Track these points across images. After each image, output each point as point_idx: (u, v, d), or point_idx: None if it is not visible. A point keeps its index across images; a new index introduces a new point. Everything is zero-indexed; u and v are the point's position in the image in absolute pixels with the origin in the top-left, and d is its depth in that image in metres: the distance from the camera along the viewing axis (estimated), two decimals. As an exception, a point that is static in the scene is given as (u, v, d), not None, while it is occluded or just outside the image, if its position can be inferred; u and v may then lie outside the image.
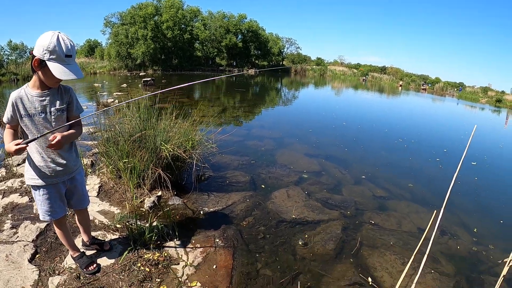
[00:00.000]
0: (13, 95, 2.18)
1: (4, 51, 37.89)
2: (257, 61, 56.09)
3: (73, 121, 2.34)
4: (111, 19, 45.49)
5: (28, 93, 2.19)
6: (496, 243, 4.24)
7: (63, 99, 2.33)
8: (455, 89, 49.13)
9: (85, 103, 12.67)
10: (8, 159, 5.65)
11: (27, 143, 2.10)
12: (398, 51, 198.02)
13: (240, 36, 52.15)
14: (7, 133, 2.25)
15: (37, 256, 2.99)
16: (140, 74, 35.58)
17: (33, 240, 3.22)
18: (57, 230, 2.69)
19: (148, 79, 21.26)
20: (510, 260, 1.90)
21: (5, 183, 4.70)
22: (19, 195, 4.25)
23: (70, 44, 2.08)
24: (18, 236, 3.30)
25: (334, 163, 6.60)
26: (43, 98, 2.22)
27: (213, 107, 13.14)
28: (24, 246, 3.10)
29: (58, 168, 2.41)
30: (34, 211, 3.81)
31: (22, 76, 32.59)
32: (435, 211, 2.47)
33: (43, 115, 2.24)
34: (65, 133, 2.30)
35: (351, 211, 4.59)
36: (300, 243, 3.64)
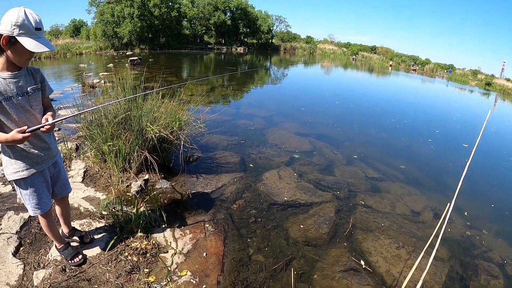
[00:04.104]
0: None
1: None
2: (246, 39, 55.51)
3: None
4: (97, -3, 44.39)
5: None
6: (489, 227, 4.20)
7: (36, 78, 2.24)
8: (445, 71, 49.18)
9: (70, 84, 12.36)
10: None
11: (32, 131, 2.04)
12: (389, 31, 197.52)
13: (229, 14, 51.45)
14: None
15: (21, 248, 2.88)
16: (127, 53, 34.86)
17: (16, 232, 3.09)
18: (42, 221, 2.54)
19: (135, 58, 20.79)
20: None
21: None
22: (2, 184, 4.07)
23: (38, 17, 1.98)
24: (1, 228, 3.16)
25: (326, 143, 6.48)
26: (17, 79, 2.10)
27: (201, 85, 12.84)
28: (8, 238, 2.97)
29: (42, 153, 2.30)
30: (18, 200, 3.65)
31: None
32: (448, 204, 2.34)
33: (20, 97, 2.11)
34: (50, 113, 2.24)
35: (344, 193, 4.50)
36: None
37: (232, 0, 50.84)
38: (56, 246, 2.72)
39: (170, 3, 44.46)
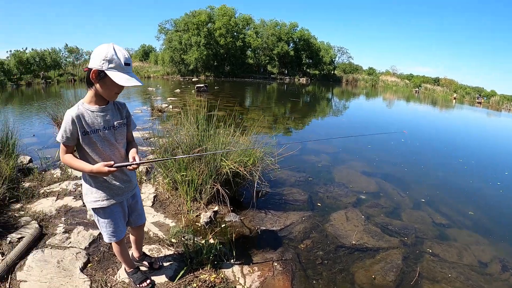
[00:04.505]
0: (72, 112, 2.08)
1: (62, 54, 40.27)
2: (308, 70, 55.98)
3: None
4: (165, 26, 47.46)
5: (87, 108, 2.13)
6: None
7: (122, 113, 2.34)
8: (512, 103, 46.18)
9: (139, 107, 13.10)
10: None
11: (118, 167, 2.15)
12: (451, 61, 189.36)
13: (291, 45, 52.45)
14: (71, 157, 2.15)
15: (89, 265, 3.00)
16: (193, 79, 36.58)
17: (85, 248, 3.24)
18: (115, 247, 2.61)
19: (202, 85, 21.65)
20: None
21: (59, 184, 4.83)
22: (73, 199, 4.35)
23: (127, 53, 2.07)
24: (70, 242, 3.32)
25: (392, 184, 6.35)
26: (105, 113, 2.19)
27: (266, 117, 13.11)
28: (77, 253, 3.11)
29: (123, 186, 2.38)
30: (88, 216, 3.88)
31: (79, 77, 34.55)
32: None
33: (106, 130, 2.20)
34: (135, 150, 2.35)
35: (411, 239, 4.35)
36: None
37: (295, 31, 51.71)
38: (125, 269, 2.78)
39: (235, 33, 46.21)
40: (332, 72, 59.82)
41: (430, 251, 4.14)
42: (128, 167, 2.19)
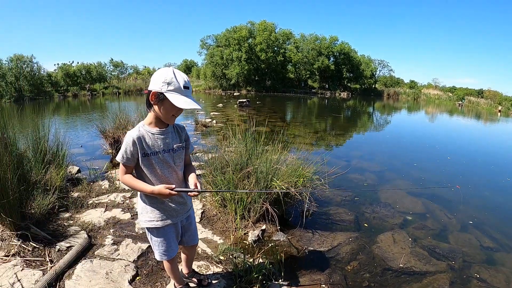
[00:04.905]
0: (133, 134, 2.14)
1: (107, 67, 42.08)
2: (349, 84, 55.47)
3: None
4: (207, 41, 48.62)
5: (147, 130, 2.19)
6: None
7: (181, 136, 2.37)
8: None
9: (182, 121, 13.45)
10: (111, 171, 6.08)
11: (179, 192, 2.20)
12: (495, 71, 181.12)
13: (332, 59, 52.32)
14: (131, 177, 2.21)
15: (137, 278, 3.04)
16: (234, 94, 37.12)
17: (134, 261, 3.31)
18: (166, 265, 2.63)
19: (244, 100, 21.98)
20: None
21: (108, 196, 5.01)
22: (122, 211, 4.49)
23: (186, 78, 2.09)
24: (119, 254, 3.41)
25: (439, 205, 6.25)
26: (164, 135, 2.23)
27: (308, 132, 13.20)
28: (125, 266, 3.18)
29: (179, 208, 2.40)
30: (136, 229, 3.98)
31: (123, 90, 35.87)
32: None
33: (166, 153, 2.24)
34: (194, 175, 2.37)
35: (459, 264, 4.28)
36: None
37: (335, 45, 51.53)
38: (175, 285, 2.80)
39: (276, 48, 46.65)
40: (373, 86, 58.93)
41: (478, 276, 4.07)
42: (189, 193, 2.25)
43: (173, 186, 2.17)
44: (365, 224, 5.12)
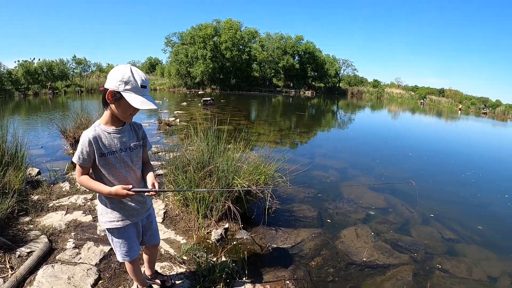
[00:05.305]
0: (89, 133, 2.08)
1: (70, 65, 40.70)
2: (313, 83, 56.15)
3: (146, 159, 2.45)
4: (172, 39, 47.86)
5: (104, 130, 2.13)
6: None
7: (138, 134, 2.33)
8: (519, 113, 46.12)
9: (146, 120, 13.18)
10: (72, 173, 5.87)
11: (136, 192, 2.15)
12: (456, 71, 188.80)
13: (297, 58, 52.76)
14: (88, 179, 2.15)
15: (100, 282, 2.97)
16: (199, 92, 36.80)
17: (96, 264, 3.22)
18: (128, 266, 2.58)
19: (208, 98, 21.78)
20: None
21: (68, 198, 4.83)
22: (83, 213, 4.34)
23: (143, 76, 2.05)
24: (81, 258, 3.30)
25: (401, 199, 6.36)
26: (121, 134, 2.19)
27: (272, 131, 13.18)
28: (87, 270, 3.09)
29: (138, 206, 2.36)
30: (98, 232, 3.87)
31: (86, 88, 34.84)
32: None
33: (123, 152, 2.20)
34: (152, 174, 2.34)
35: (421, 255, 4.37)
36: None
37: (301, 44, 52.01)
38: (137, 287, 2.74)
39: (241, 47, 46.55)
40: (337, 84, 60.07)
41: (440, 266, 4.16)
42: (146, 193, 2.21)
43: (130, 186, 2.13)
44: (328, 220, 5.12)
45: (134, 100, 1.97)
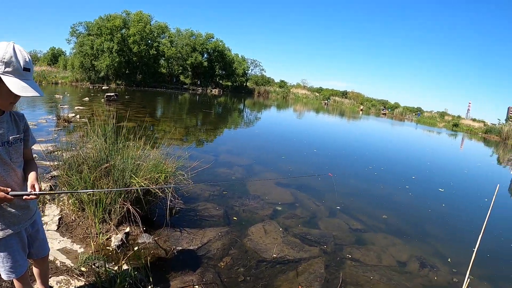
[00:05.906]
0: None
1: None
2: (221, 81, 56.26)
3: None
4: (78, 28, 44.33)
5: None
6: (473, 272, 4.20)
7: (19, 126, 1.98)
8: (414, 114, 51.77)
9: (44, 115, 12.03)
10: None
11: (15, 196, 1.78)
12: (359, 76, 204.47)
13: (206, 55, 52.31)
14: None
15: None
16: (103, 87, 34.67)
17: None
18: (17, 285, 2.23)
19: (112, 94, 20.51)
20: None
21: None
22: None
23: (28, 56, 1.74)
24: None
25: (307, 194, 6.45)
26: None
27: (177, 128, 12.75)
28: None
29: (20, 213, 2.01)
30: None
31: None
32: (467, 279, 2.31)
33: (1, 147, 1.84)
34: (34, 174, 1.99)
35: (331, 247, 4.43)
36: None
37: (210, 42, 51.81)
38: None
39: (149, 41, 44.88)
40: (245, 84, 60.83)
41: (350, 256, 4.25)
42: (25, 196, 1.83)
43: (9, 189, 1.76)
44: (235, 218, 4.95)
45: (16, 86, 1.64)
